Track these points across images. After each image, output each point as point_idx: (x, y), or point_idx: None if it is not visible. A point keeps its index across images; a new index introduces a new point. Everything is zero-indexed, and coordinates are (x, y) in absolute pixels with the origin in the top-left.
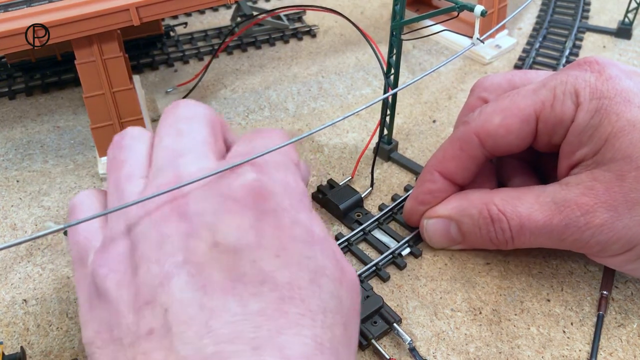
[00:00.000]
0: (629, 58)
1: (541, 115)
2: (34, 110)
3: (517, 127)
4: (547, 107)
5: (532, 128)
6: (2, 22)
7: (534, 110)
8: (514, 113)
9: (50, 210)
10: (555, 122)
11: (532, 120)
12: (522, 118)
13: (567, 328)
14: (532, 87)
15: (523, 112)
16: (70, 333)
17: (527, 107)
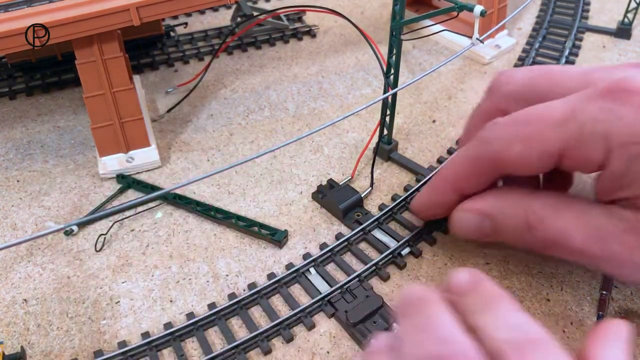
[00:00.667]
0: (628, 58)
1: (566, 153)
2: (35, 110)
3: (537, 160)
4: (573, 147)
5: (554, 161)
6: (3, 22)
7: (558, 148)
8: (536, 146)
9: (50, 210)
10: (581, 161)
11: (554, 155)
12: (544, 152)
13: (567, 328)
14: (559, 117)
15: (546, 146)
16: (71, 333)
17: (550, 141)
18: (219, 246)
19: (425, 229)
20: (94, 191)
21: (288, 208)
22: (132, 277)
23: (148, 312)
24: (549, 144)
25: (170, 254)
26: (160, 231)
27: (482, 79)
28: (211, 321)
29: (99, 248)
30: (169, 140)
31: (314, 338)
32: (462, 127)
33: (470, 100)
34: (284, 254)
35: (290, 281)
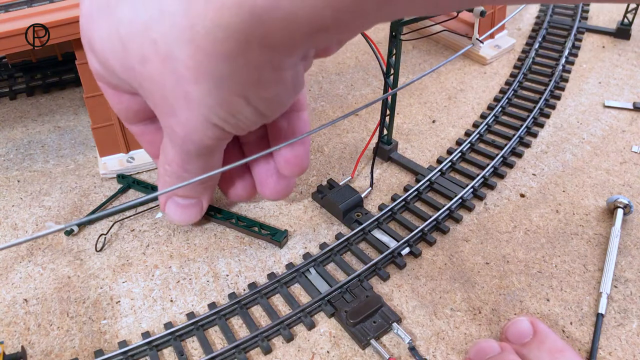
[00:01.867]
0: (628, 58)
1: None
2: (35, 111)
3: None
4: None
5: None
6: (3, 22)
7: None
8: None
9: (51, 210)
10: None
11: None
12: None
13: (566, 328)
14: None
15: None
16: (71, 332)
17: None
18: (219, 246)
19: (425, 229)
20: (94, 191)
21: (288, 208)
22: (132, 277)
23: (148, 311)
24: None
25: (171, 254)
26: (160, 231)
27: (482, 79)
28: (211, 321)
29: (99, 248)
30: None
31: (314, 338)
32: (462, 127)
33: (470, 100)
34: (284, 254)
35: (291, 281)
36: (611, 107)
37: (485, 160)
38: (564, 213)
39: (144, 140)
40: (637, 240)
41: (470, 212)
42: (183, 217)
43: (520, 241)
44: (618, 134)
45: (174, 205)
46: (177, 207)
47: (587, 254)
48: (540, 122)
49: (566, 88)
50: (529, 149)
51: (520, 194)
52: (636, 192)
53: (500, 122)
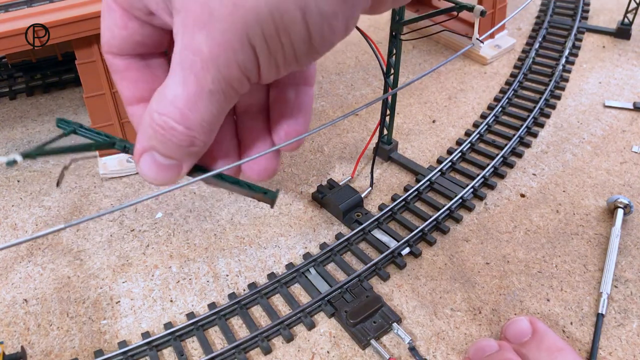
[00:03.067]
0: (628, 58)
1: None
2: (35, 110)
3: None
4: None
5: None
6: (3, 22)
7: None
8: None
9: (50, 210)
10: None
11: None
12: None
13: (566, 328)
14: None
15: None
16: (71, 333)
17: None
18: (219, 246)
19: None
20: (94, 191)
21: (288, 208)
22: (132, 277)
23: (148, 312)
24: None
25: (171, 254)
26: (160, 231)
27: (482, 79)
28: (211, 321)
29: (60, 183)
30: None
31: (314, 338)
32: (462, 127)
33: (470, 100)
34: (284, 254)
35: (291, 281)
36: (611, 107)
37: (485, 160)
38: (564, 213)
39: (126, 77)
40: (637, 240)
41: (470, 212)
42: (156, 177)
43: (521, 241)
44: (618, 134)
45: (151, 160)
46: (154, 163)
47: (588, 254)
48: (540, 122)
49: (566, 88)
50: (529, 149)
51: (521, 194)
52: (636, 192)
53: (500, 122)
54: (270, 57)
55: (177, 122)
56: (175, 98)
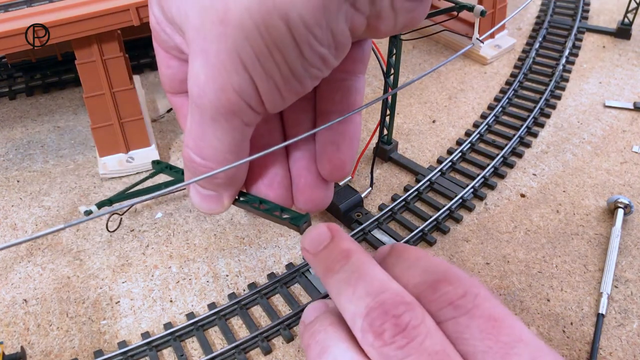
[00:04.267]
0: (628, 58)
1: None
2: (35, 111)
3: None
4: None
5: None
6: (3, 22)
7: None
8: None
9: (50, 210)
10: None
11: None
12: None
13: (567, 328)
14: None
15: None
16: (71, 333)
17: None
18: (218, 246)
19: (426, 229)
20: (94, 191)
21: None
22: (132, 277)
23: (148, 312)
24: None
25: (170, 254)
26: (160, 231)
27: (482, 79)
28: (211, 321)
29: (113, 228)
30: (169, 140)
31: None
32: (462, 127)
33: (470, 100)
34: (284, 254)
35: (291, 281)
36: (612, 107)
37: (485, 160)
38: (564, 213)
39: (184, 114)
40: (637, 240)
41: (470, 212)
42: (202, 206)
43: (521, 241)
44: (618, 134)
45: (195, 191)
46: (197, 194)
47: (588, 254)
48: (540, 122)
49: (566, 88)
50: (529, 149)
51: (521, 194)
52: (637, 192)
53: (500, 122)
54: (267, 77)
55: (195, 153)
56: (189, 130)
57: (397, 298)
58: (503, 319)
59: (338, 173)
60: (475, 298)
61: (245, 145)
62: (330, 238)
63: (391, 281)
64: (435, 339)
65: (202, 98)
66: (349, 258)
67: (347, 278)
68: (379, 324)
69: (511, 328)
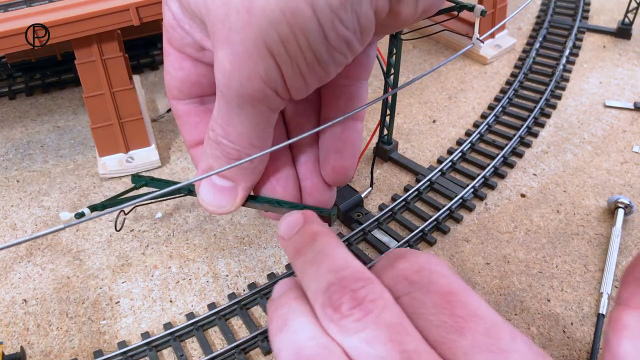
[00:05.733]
0: (629, 58)
1: None
2: (34, 110)
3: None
4: None
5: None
6: (2, 22)
7: None
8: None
9: (50, 210)
10: None
11: None
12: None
13: (567, 328)
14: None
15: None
16: (70, 333)
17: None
18: (218, 246)
19: (426, 229)
20: (93, 191)
21: None
22: (132, 277)
23: (148, 312)
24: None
25: (170, 254)
26: (160, 231)
27: (482, 79)
28: (211, 321)
29: (119, 227)
30: (168, 140)
31: None
32: (462, 126)
33: (470, 100)
34: (284, 254)
35: None
36: (612, 107)
37: (485, 160)
38: (564, 213)
39: (188, 122)
40: (638, 240)
41: (470, 212)
42: (213, 201)
43: (521, 241)
44: (619, 134)
45: (209, 184)
46: (211, 187)
47: (588, 254)
48: (540, 122)
49: (567, 88)
50: (529, 148)
51: (521, 194)
52: (637, 192)
53: (500, 122)
54: (292, 63)
55: (222, 136)
56: (216, 115)
57: (356, 274)
58: (458, 294)
59: (341, 179)
60: (431, 274)
61: (269, 132)
62: (302, 223)
63: (354, 260)
64: (393, 312)
65: (229, 86)
66: (315, 240)
67: (313, 258)
68: (337, 297)
69: (466, 303)
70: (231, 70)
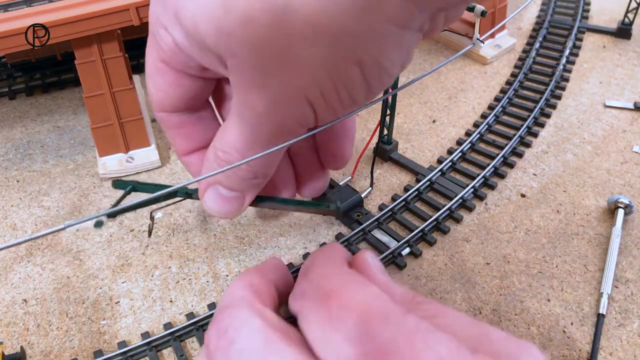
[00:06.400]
0: (629, 58)
1: None
2: (34, 110)
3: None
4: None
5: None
6: (2, 22)
7: None
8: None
9: (50, 210)
10: None
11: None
12: None
13: (567, 328)
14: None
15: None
16: (70, 333)
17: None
18: (218, 246)
19: (426, 229)
20: (93, 191)
21: None
22: (132, 277)
23: (148, 312)
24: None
25: (170, 254)
26: (160, 231)
27: (482, 79)
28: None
29: (150, 234)
30: (169, 140)
31: None
32: (462, 126)
33: (470, 100)
34: (284, 254)
35: None
36: (612, 107)
37: (485, 160)
38: (564, 213)
39: (180, 133)
40: (638, 240)
41: (470, 212)
42: (221, 209)
43: (521, 241)
44: (619, 134)
45: (215, 194)
46: (218, 197)
47: (588, 254)
48: (540, 122)
49: (567, 88)
50: (529, 148)
51: (521, 194)
52: (637, 192)
53: (500, 122)
54: (328, 107)
55: (238, 160)
56: (235, 142)
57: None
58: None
59: (341, 162)
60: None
61: (283, 149)
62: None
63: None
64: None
65: (259, 125)
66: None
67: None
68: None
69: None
70: (265, 112)
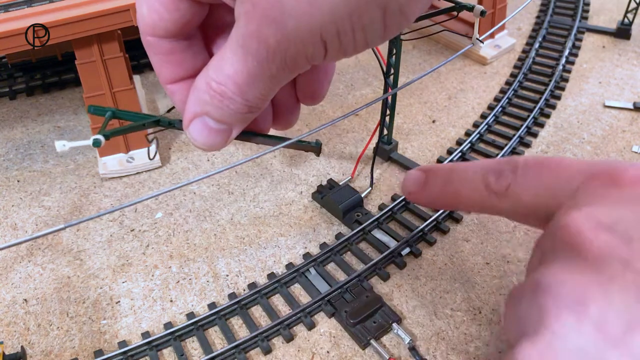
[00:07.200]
0: (628, 58)
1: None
2: (35, 110)
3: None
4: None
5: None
6: (3, 22)
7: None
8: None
9: (50, 210)
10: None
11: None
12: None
13: None
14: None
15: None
16: (71, 333)
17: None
18: (219, 246)
19: (426, 229)
20: (94, 191)
21: (288, 208)
22: (132, 277)
23: (148, 312)
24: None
25: (170, 254)
26: (160, 231)
27: (482, 79)
28: (211, 321)
29: (152, 156)
30: (169, 140)
31: (314, 338)
32: (462, 127)
33: (470, 100)
34: (284, 254)
35: (290, 281)
36: (611, 107)
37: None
38: None
39: (168, 60)
40: None
41: (470, 212)
42: (206, 141)
43: (521, 241)
44: (618, 134)
45: (202, 125)
46: (205, 128)
47: None
48: (540, 122)
49: (566, 88)
50: (529, 148)
51: None
52: None
53: (500, 122)
54: (340, 48)
55: (235, 94)
56: (235, 74)
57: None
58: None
59: (317, 100)
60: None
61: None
62: (425, 176)
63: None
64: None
65: (267, 60)
66: (452, 170)
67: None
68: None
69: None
70: (277, 47)
